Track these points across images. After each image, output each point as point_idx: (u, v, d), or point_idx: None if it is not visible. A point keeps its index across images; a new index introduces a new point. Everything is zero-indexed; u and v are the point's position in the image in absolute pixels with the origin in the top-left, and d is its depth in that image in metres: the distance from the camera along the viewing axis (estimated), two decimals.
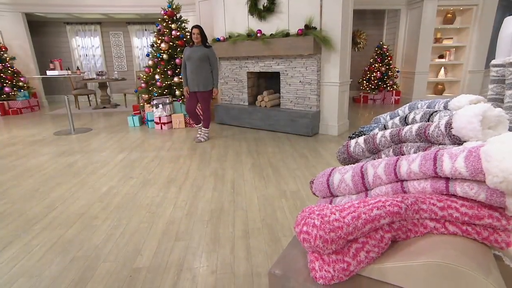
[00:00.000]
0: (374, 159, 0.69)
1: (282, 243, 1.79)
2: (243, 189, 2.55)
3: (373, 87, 6.77)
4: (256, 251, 1.72)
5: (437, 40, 6.46)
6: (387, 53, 6.62)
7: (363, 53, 7.69)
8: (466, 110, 0.49)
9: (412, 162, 0.45)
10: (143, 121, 5.21)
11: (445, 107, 0.83)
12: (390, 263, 0.40)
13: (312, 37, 3.79)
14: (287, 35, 4.06)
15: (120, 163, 3.32)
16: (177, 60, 4.81)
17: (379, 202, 0.41)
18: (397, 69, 6.76)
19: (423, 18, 6.00)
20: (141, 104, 5.18)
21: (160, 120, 4.79)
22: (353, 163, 0.77)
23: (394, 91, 6.66)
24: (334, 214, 0.40)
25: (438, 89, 6.68)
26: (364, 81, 6.89)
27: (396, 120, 0.79)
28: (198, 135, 4.11)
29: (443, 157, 0.41)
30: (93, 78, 7.05)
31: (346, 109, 4.37)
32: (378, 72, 6.63)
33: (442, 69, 6.74)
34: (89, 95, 7.74)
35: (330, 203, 0.54)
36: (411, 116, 0.75)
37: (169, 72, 4.85)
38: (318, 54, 4.00)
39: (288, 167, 3.05)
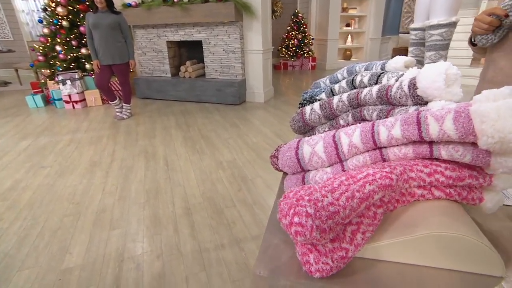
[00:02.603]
0: (332, 125, 0.71)
1: (226, 214, 1.85)
2: (177, 165, 2.49)
3: (291, 54, 7.05)
4: (201, 227, 1.75)
5: (344, 9, 6.97)
6: (302, 21, 6.89)
7: (280, 21, 7.84)
8: (429, 69, 0.49)
9: (392, 127, 0.43)
10: (48, 101, 4.47)
11: (382, 69, 0.92)
12: (385, 241, 0.39)
13: (232, 3, 3.69)
14: (206, 1, 3.86)
15: (24, 151, 2.84)
16: (81, 28, 4.15)
17: (368, 176, 0.39)
18: (312, 37, 7.13)
19: None
20: (42, 80, 4.39)
21: (70, 98, 4.18)
22: (309, 131, 0.77)
23: (310, 58, 7.08)
24: (326, 197, 0.36)
25: (347, 55, 7.35)
26: (283, 49, 7.12)
27: (343, 83, 0.81)
28: (117, 113, 3.75)
29: (427, 120, 0.40)
30: None
31: (270, 76, 4.50)
32: (295, 40, 6.90)
33: (349, 36, 7.39)
34: None
35: (303, 179, 0.51)
36: (358, 78, 0.75)
37: (73, 43, 4.17)
38: (240, 21, 3.94)
39: (220, 137, 3.07)
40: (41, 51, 4.22)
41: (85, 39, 4.22)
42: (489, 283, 0.37)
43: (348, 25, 7.25)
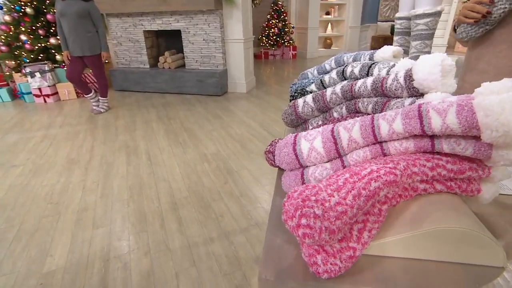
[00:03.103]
0: (326, 118, 0.70)
1: (213, 208, 1.83)
2: (160, 159, 2.43)
3: (272, 43, 7.00)
4: (188, 221, 1.72)
5: None
6: (282, 10, 6.83)
7: (260, 9, 7.71)
8: (425, 61, 0.48)
9: (392, 121, 0.42)
10: (15, 95, 4.20)
11: (371, 59, 0.92)
12: (390, 237, 0.39)
13: None
14: None
15: None
16: (48, 16, 3.89)
17: (372, 172, 0.38)
18: (292, 25, 7.09)
19: None
20: (7, 73, 4.11)
21: (41, 91, 3.95)
22: (301, 124, 0.76)
23: (291, 46, 7.05)
24: (333, 196, 0.36)
25: (327, 43, 7.39)
26: (263, 37, 7.04)
27: (333, 74, 0.80)
28: (94, 106, 3.59)
29: (429, 113, 0.39)
30: None
31: (251, 66, 4.45)
32: (276, 28, 6.84)
33: (329, 25, 7.41)
34: None
35: (302, 176, 0.49)
36: (348, 69, 0.74)
37: (40, 32, 3.91)
38: (220, 9, 3.83)
39: (203, 129, 3.01)
40: (3, 40, 3.93)
41: (53, 28, 3.97)
42: (492, 274, 0.37)
43: (328, 13, 7.26)
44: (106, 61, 3.44)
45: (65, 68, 4.03)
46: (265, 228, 1.64)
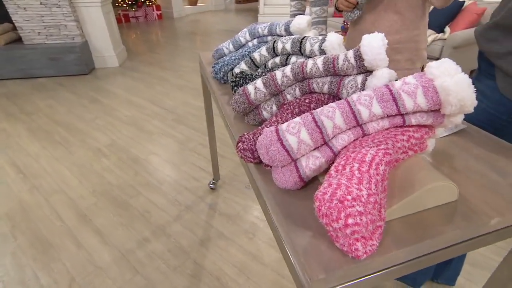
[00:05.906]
0: (279, 100, 0.71)
1: (134, 205, 1.64)
2: (38, 168, 1.95)
3: (130, 3, 6.12)
4: (110, 229, 1.51)
5: None
6: None
7: None
8: (371, 42, 0.56)
9: (370, 106, 0.49)
10: None
11: (286, 30, 0.95)
12: (395, 205, 0.47)
13: None
14: None
15: None
16: None
17: (374, 157, 0.44)
18: None
19: None
20: None
21: None
22: (253, 110, 0.75)
23: (154, 6, 6.36)
24: (361, 190, 0.40)
25: (192, 0, 7.00)
26: None
27: (264, 51, 0.82)
28: None
29: (401, 96, 0.47)
30: None
31: (118, 34, 3.84)
32: None
33: None
34: None
35: (297, 170, 0.50)
36: (279, 46, 0.78)
37: None
38: None
39: (83, 119, 2.53)
40: None
41: None
42: (454, 206, 0.51)
43: None
44: None
45: None
46: (197, 210, 1.62)
